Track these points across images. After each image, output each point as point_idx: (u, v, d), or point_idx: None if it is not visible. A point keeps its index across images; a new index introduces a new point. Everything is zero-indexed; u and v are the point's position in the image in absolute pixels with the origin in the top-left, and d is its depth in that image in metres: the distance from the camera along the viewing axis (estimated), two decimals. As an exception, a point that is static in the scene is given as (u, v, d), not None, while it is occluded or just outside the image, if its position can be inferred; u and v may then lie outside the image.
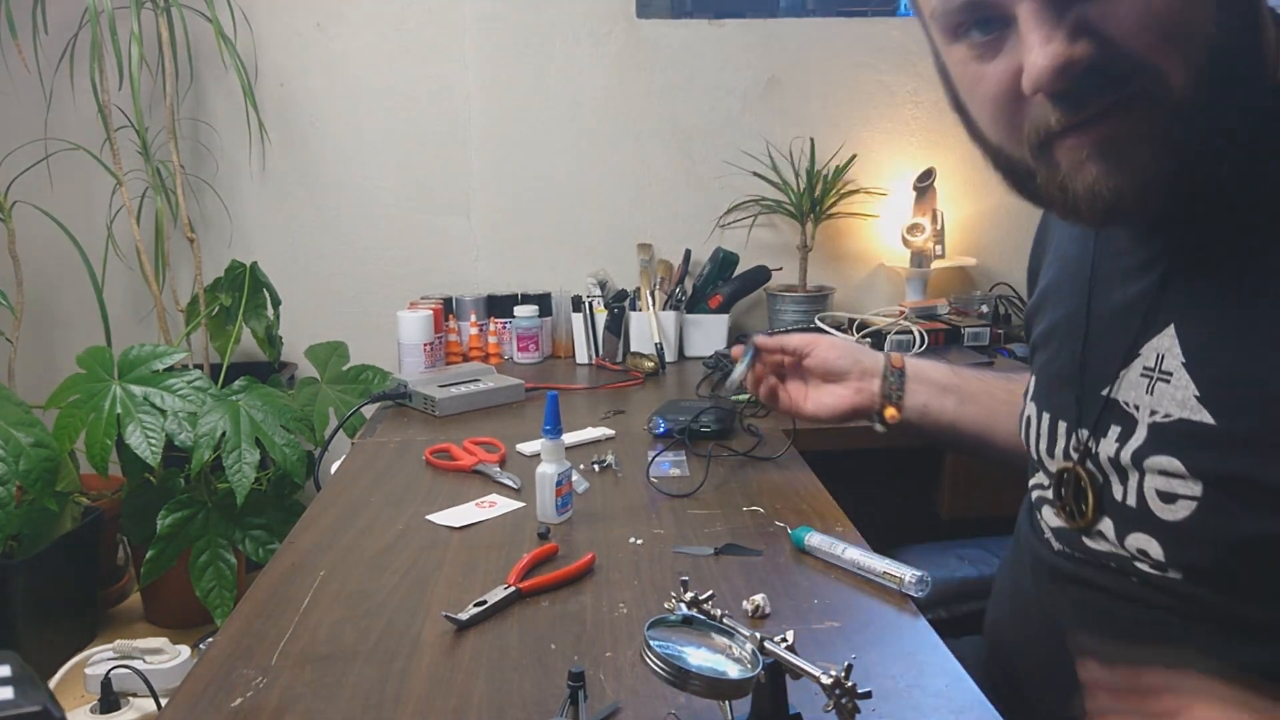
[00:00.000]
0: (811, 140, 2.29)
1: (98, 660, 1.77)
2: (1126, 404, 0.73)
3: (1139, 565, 0.72)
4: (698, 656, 0.65)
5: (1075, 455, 0.77)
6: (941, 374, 1.11)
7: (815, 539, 0.99)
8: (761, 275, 2.21)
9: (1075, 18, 0.60)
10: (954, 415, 1.08)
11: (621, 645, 0.81)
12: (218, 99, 2.29)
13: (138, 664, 1.72)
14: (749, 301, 2.31)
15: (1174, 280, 0.70)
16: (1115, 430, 0.74)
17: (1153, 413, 0.70)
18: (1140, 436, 0.71)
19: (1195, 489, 0.67)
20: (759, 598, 0.87)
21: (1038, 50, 0.60)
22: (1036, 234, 0.99)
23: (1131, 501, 0.72)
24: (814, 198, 2.24)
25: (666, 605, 0.83)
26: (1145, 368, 0.72)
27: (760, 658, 0.65)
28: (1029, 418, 0.87)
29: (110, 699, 1.68)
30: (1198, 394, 0.67)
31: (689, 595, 0.74)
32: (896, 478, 2.05)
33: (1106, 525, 0.75)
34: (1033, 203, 0.70)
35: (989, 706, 0.72)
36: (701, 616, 0.70)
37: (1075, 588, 0.79)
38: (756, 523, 1.09)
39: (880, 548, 0.98)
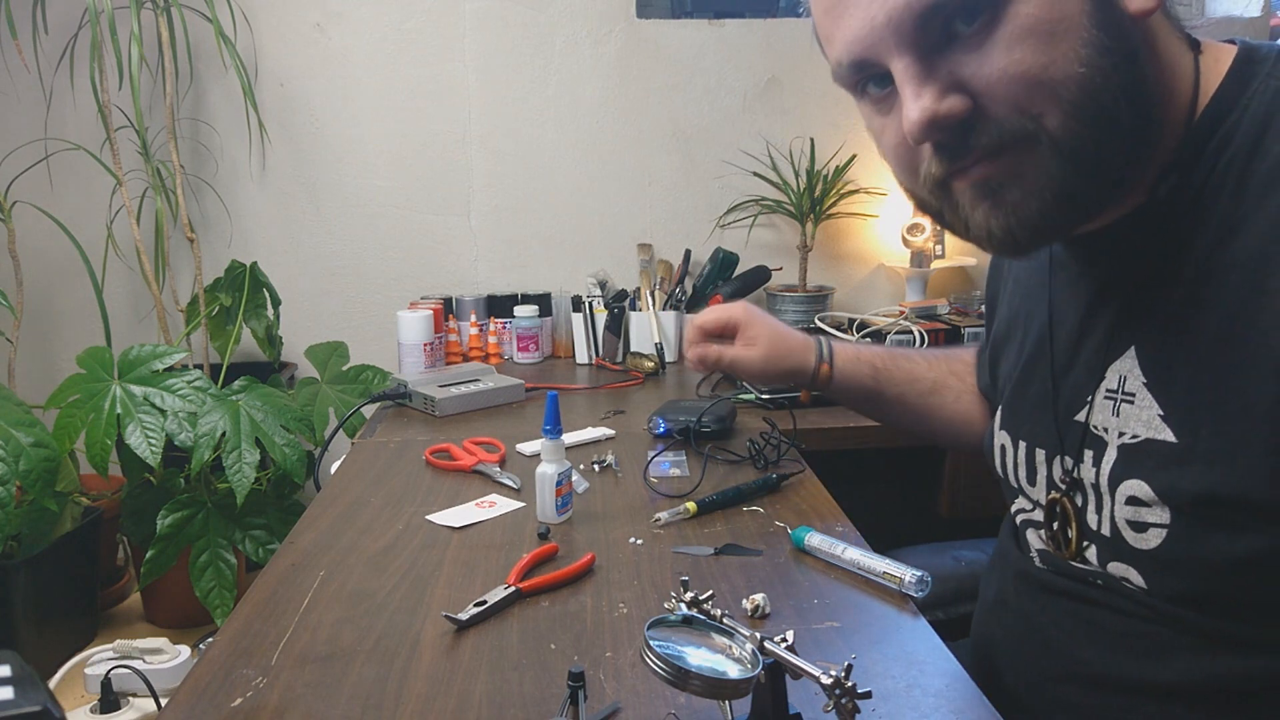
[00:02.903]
0: (811, 140, 2.29)
1: (98, 660, 1.77)
2: (1096, 427, 0.74)
3: (1127, 587, 0.73)
4: (698, 656, 0.65)
5: (1063, 486, 0.78)
6: (870, 351, 1.17)
7: (815, 539, 0.99)
8: (761, 275, 2.21)
9: (947, 74, 0.62)
10: (902, 369, 1.15)
11: (621, 645, 0.81)
12: (218, 99, 2.29)
13: (138, 664, 1.72)
14: (749, 301, 2.31)
15: (1130, 301, 0.72)
16: (1089, 455, 0.75)
17: (1120, 434, 0.71)
18: (1111, 458, 0.72)
19: (1164, 516, 0.68)
20: (759, 597, 0.87)
21: (908, 105, 0.63)
22: (990, 262, 1.03)
23: (1106, 530, 0.73)
24: (814, 198, 2.24)
25: (666, 605, 0.83)
26: (1109, 390, 0.73)
27: (760, 658, 0.65)
28: (1002, 446, 0.87)
29: (110, 699, 1.68)
30: (1161, 413, 0.68)
31: (689, 595, 0.74)
32: (896, 478, 2.05)
33: (1091, 552, 0.75)
34: (954, 235, 0.73)
35: (989, 706, 0.72)
36: (701, 616, 0.70)
37: (1064, 601, 0.79)
38: (756, 523, 1.09)
39: (880, 548, 0.98)
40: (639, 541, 1.03)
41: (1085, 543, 0.76)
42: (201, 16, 2.15)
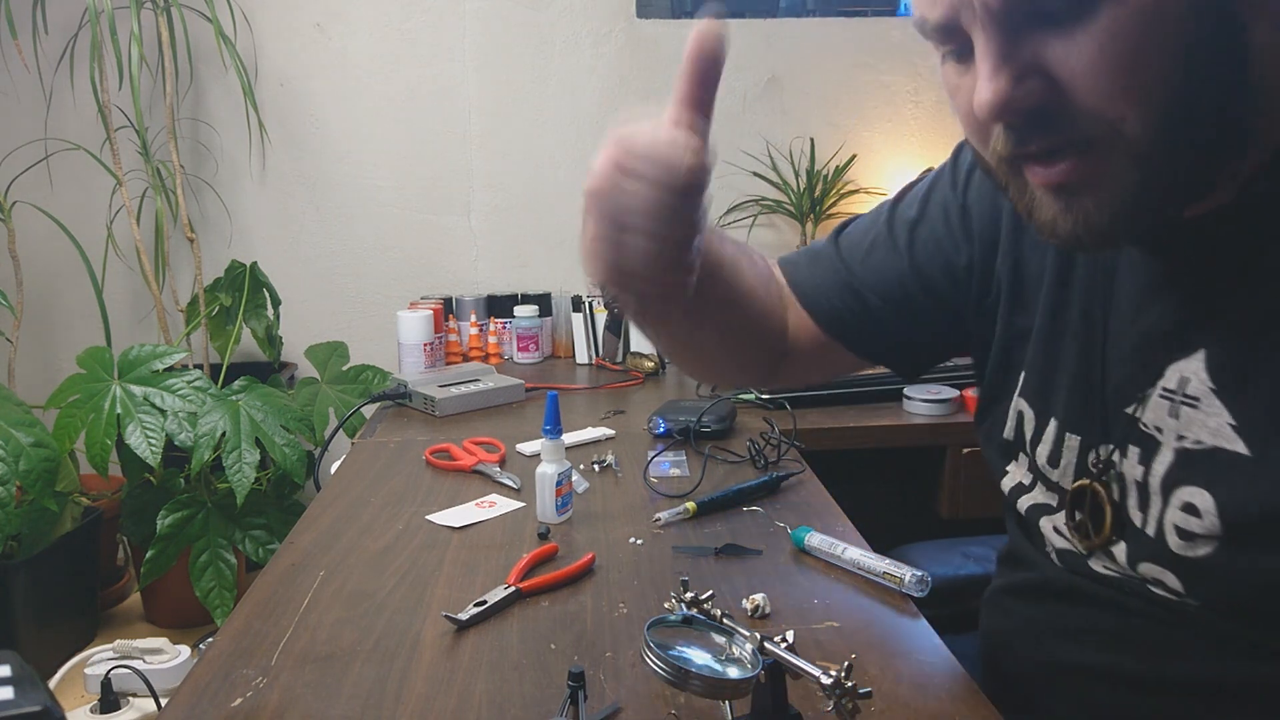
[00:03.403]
0: (811, 140, 2.29)
1: (98, 660, 1.77)
2: (1146, 425, 0.70)
3: (1151, 590, 0.71)
4: (698, 657, 0.65)
5: (1094, 471, 0.74)
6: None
7: (815, 539, 0.99)
8: (761, 275, 2.20)
9: (1030, 55, 0.58)
10: (736, 263, 0.89)
11: (621, 645, 0.81)
12: (218, 99, 2.29)
13: (138, 664, 1.72)
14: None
15: (1204, 300, 0.67)
16: (1134, 451, 0.71)
17: (1180, 437, 0.67)
18: (1166, 460, 0.68)
19: (1216, 528, 0.64)
20: (759, 597, 0.87)
21: (982, 83, 0.59)
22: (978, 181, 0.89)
23: (1150, 530, 0.69)
24: (814, 198, 2.24)
25: (666, 605, 0.83)
26: (1166, 389, 0.68)
27: (760, 658, 0.65)
28: (1019, 413, 0.82)
29: (110, 699, 1.68)
30: (1233, 422, 0.64)
31: (689, 595, 0.74)
32: (896, 478, 2.05)
33: (1120, 548, 0.72)
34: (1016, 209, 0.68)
35: (990, 706, 0.72)
36: (701, 616, 0.70)
37: (1081, 600, 0.77)
38: (756, 523, 1.09)
39: (880, 548, 0.98)
40: (639, 541, 1.03)
41: (1114, 537, 0.73)
42: (201, 16, 2.15)
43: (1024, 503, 0.82)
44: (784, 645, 0.66)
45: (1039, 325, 0.81)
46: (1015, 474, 0.83)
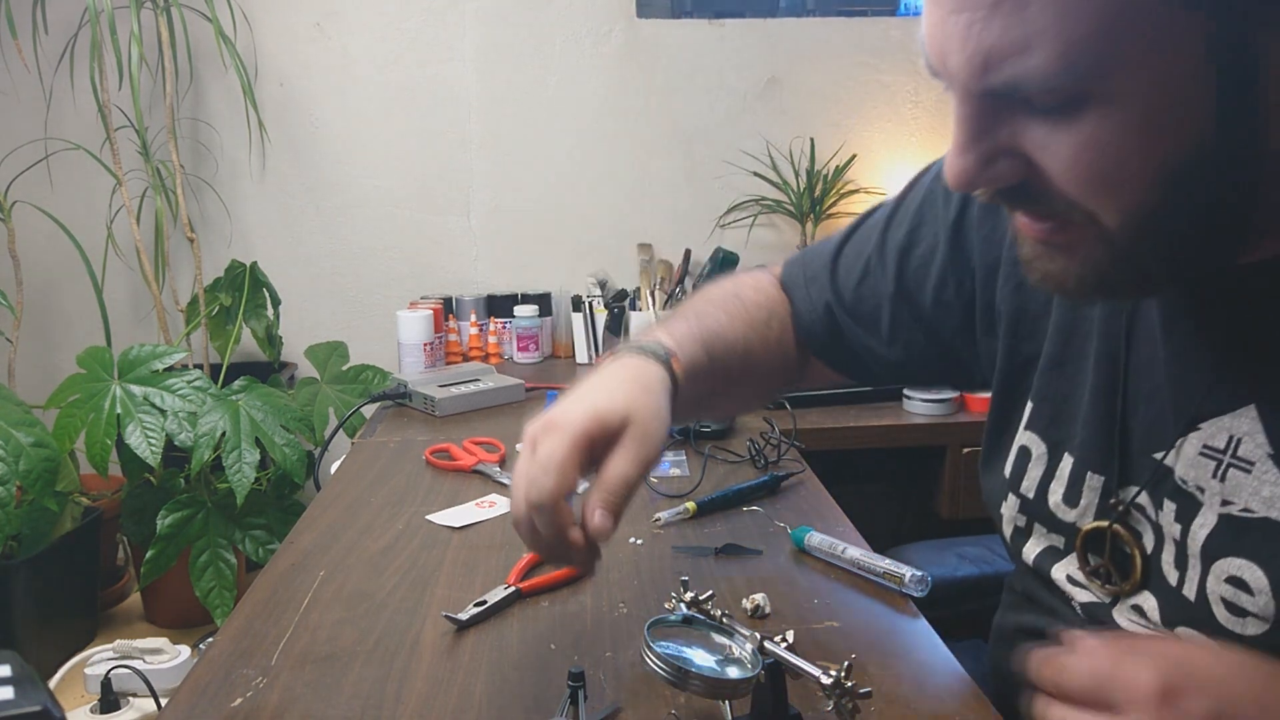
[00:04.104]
0: (811, 140, 2.29)
1: (98, 660, 1.77)
2: (1184, 481, 0.65)
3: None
4: (698, 656, 0.65)
5: (1116, 513, 0.69)
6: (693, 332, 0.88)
7: (815, 539, 0.99)
8: (761, 275, 2.21)
9: (1007, 136, 0.55)
10: (723, 337, 0.89)
11: (621, 645, 0.81)
12: (218, 99, 2.29)
13: (138, 664, 1.72)
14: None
15: (1248, 351, 0.62)
16: (1170, 506, 0.66)
17: (1226, 502, 0.62)
18: (1208, 523, 0.63)
19: (1268, 609, 0.59)
20: (759, 597, 0.87)
21: (950, 155, 0.56)
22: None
23: (1189, 594, 0.64)
24: (814, 198, 2.24)
25: (667, 605, 0.83)
26: (1210, 447, 0.63)
27: (760, 658, 0.65)
28: (1023, 447, 0.77)
29: (110, 699, 1.68)
30: None
31: (689, 595, 0.74)
32: (896, 478, 2.06)
33: (1149, 602, 0.68)
34: None
35: (990, 706, 0.72)
36: (701, 616, 0.70)
37: None
38: (756, 523, 1.09)
39: (880, 548, 0.98)
40: (639, 541, 1.03)
41: (1143, 589, 0.68)
42: (201, 16, 2.15)
43: (1029, 552, 0.78)
44: (784, 645, 0.66)
45: (1047, 352, 0.76)
46: (1009, 517, 0.79)
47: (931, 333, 0.87)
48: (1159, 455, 0.66)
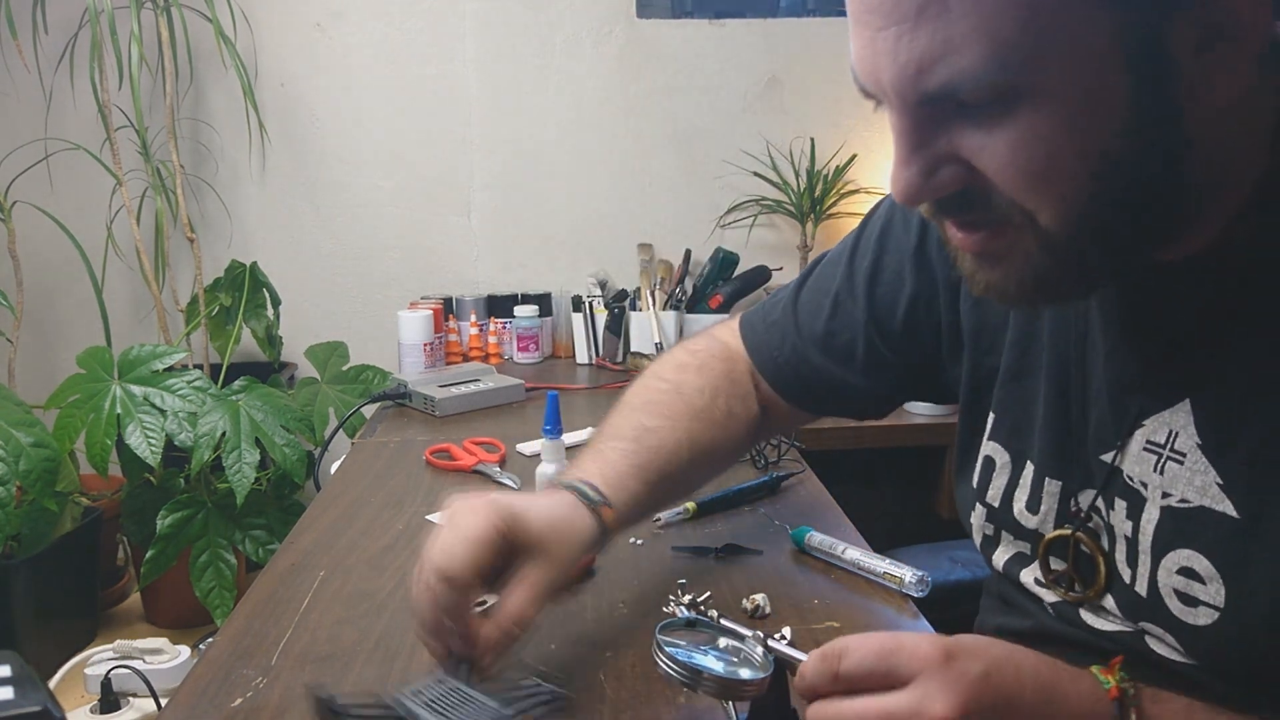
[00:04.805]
0: (811, 140, 2.29)
1: (98, 660, 1.77)
2: (1131, 478, 0.67)
3: (1151, 646, 0.68)
4: (709, 658, 0.65)
5: (1077, 520, 0.71)
6: (626, 463, 0.87)
7: (815, 539, 0.99)
8: (761, 275, 2.21)
9: (945, 145, 0.56)
10: (662, 451, 0.89)
11: (621, 645, 0.81)
12: (218, 99, 2.29)
13: (138, 664, 1.72)
14: (749, 302, 2.31)
15: (1187, 348, 0.64)
16: (1121, 504, 0.68)
17: (1165, 494, 0.65)
18: (1153, 518, 0.66)
19: (1220, 596, 0.62)
20: (759, 597, 0.87)
21: (895, 169, 0.58)
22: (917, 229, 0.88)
23: (1142, 590, 0.67)
24: (814, 198, 2.24)
25: (666, 609, 0.83)
26: (1151, 442, 0.66)
27: (770, 658, 0.65)
28: (987, 458, 0.79)
29: (110, 699, 1.68)
30: (1220, 481, 0.62)
31: (687, 598, 0.74)
32: (896, 478, 2.06)
33: (1109, 602, 0.70)
34: None
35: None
36: (705, 618, 0.70)
37: (1090, 658, 0.71)
38: (756, 523, 1.09)
39: (880, 548, 0.98)
40: (639, 541, 1.03)
41: (1106, 594, 0.70)
42: (201, 16, 2.15)
43: (998, 559, 0.80)
44: (784, 642, 0.66)
45: (1006, 364, 0.78)
46: (977, 525, 0.81)
47: (905, 358, 0.89)
48: (1107, 457, 0.69)
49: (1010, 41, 0.51)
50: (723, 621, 0.70)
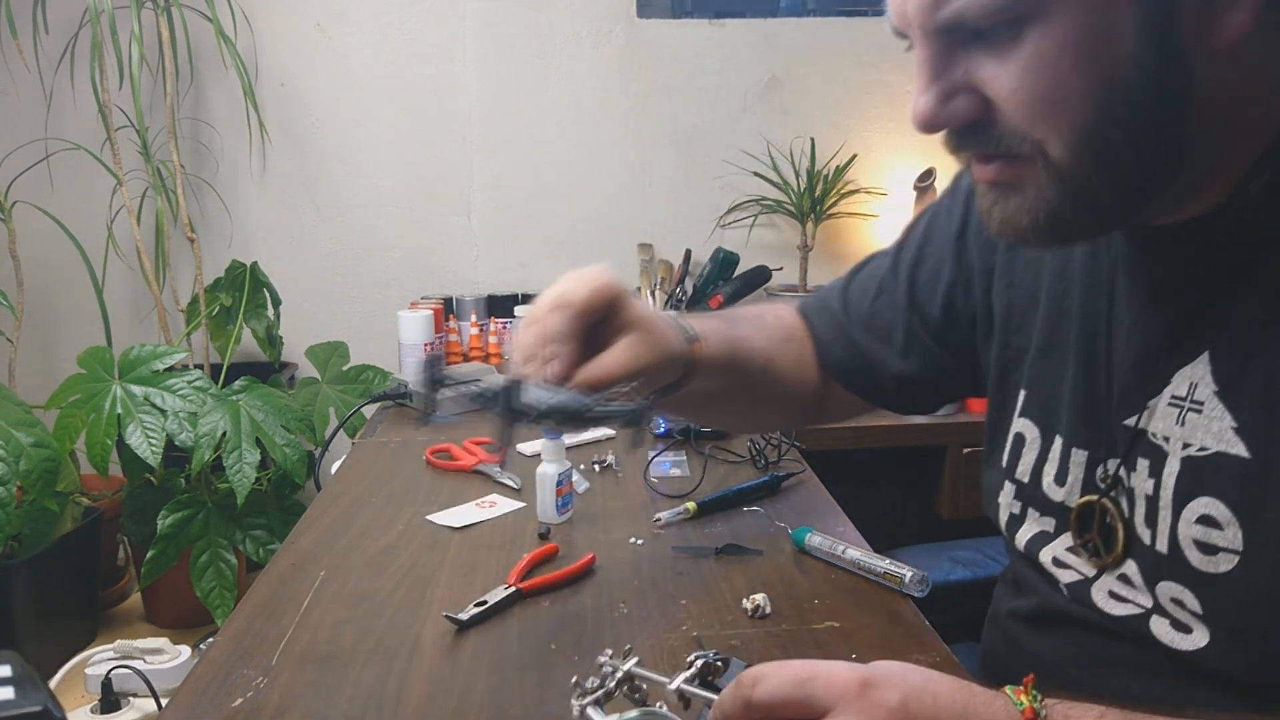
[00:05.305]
0: (812, 140, 2.29)
1: (98, 660, 1.77)
2: (1154, 435, 0.68)
3: (1154, 632, 0.69)
4: None
5: (1102, 487, 0.72)
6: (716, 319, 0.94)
7: (815, 539, 0.99)
8: (762, 275, 2.21)
9: (962, 73, 0.61)
10: (748, 343, 0.94)
11: (621, 646, 0.81)
12: (218, 99, 2.29)
13: (138, 664, 1.72)
14: (749, 302, 2.31)
15: (1204, 302, 0.66)
16: (1143, 464, 0.69)
17: (1185, 445, 0.66)
18: (1173, 470, 0.67)
19: (1236, 540, 0.62)
20: (759, 597, 0.87)
21: (915, 97, 0.62)
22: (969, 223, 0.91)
23: (1162, 547, 0.67)
24: (814, 198, 2.24)
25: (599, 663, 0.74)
26: (1175, 396, 0.67)
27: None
28: (1018, 434, 0.81)
29: (110, 699, 1.69)
30: (1234, 425, 0.63)
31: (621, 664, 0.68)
32: (896, 478, 2.06)
33: (1130, 568, 0.70)
34: None
35: (989, 706, 0.72)
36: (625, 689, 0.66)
37: (1102, 639, 0.74)
38: (756, 523, 1.09)
39: (880, 548, 0.98)
40: (639, 541, 1.03)
41: (1126, 558, 0.71)
42: (201, 16, 2.15)
43: (1021, 537, 0.81)
44: (696, 683, 0.63)
45: (1036, 342, 0.81)
46: (1005, 505, 0.82)
47: (943, 343, 0.92)
48: (1132, 420, 0.70)
49: None
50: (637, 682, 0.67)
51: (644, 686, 0.66)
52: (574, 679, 0.66)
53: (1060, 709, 0.58)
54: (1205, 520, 0.64)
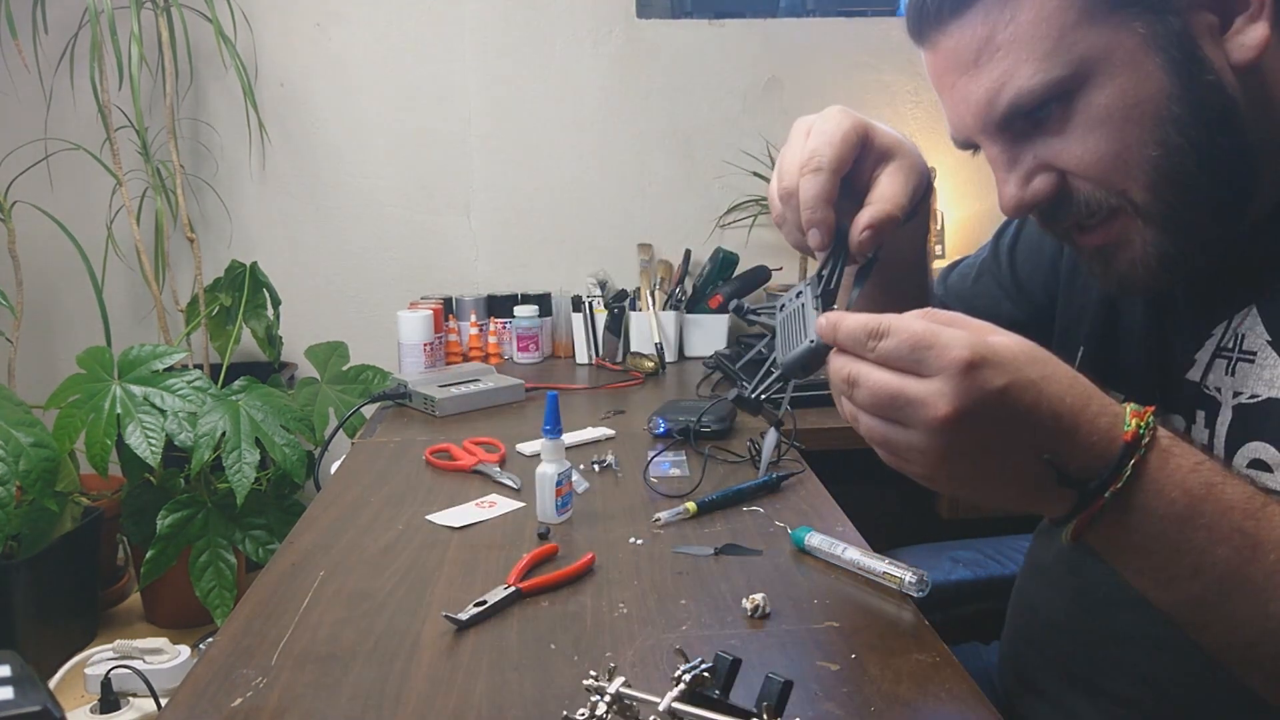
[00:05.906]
0: (811, 140, 2.29)
1: (98, 660, 1.77)
2: (1209, 387, 0.72)
3: None
4: None
5: None
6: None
7: (815, 539, 0.99)
8: (761, 275, 2.21)
9: (1033, 159, 0.68)
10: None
11: (621, 645, 0.81)
12: (218, 99, 2.29)
13: (138, 664, 1.72)
14: (749, 302, 2.31)
15: (1248, 257, 0.71)
16: (1200, 415, 0.73)
17: (1236, 394, 0.70)
18: (1226, 419, 0.70)
19: None
20: (759, 597, 0.87)
21: (1000, 189, 0.69)
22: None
23: None
24: (814, 198, 2.24)
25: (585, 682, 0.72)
26: (1223, 348, 0.72)
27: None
28: None
29: (110, 699, 1.68)
30: None
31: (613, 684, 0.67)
32: (897, 478, 2.05)
33: None
34: None
35: (990, 708, 0.72)
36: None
37: (1138, 626, 0.76)
38: (756, 523, 1.09)
39: (880, 548, 0.98)
40: (639, 541, 1.03)
41: None
42: (201, 16, 2.15)
43: None
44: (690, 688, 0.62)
45: (1099, 296, 0.85)
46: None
47: (1041, 319, 0.95)
48: (1190, 374, 0.74)
49: (1049, 52, 0.64)
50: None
51: (634, 706, 0.66)
52: (563, 714, 0.66)
53: (1165, 442, 0.58)
54: (1256, 465, 0.67)
